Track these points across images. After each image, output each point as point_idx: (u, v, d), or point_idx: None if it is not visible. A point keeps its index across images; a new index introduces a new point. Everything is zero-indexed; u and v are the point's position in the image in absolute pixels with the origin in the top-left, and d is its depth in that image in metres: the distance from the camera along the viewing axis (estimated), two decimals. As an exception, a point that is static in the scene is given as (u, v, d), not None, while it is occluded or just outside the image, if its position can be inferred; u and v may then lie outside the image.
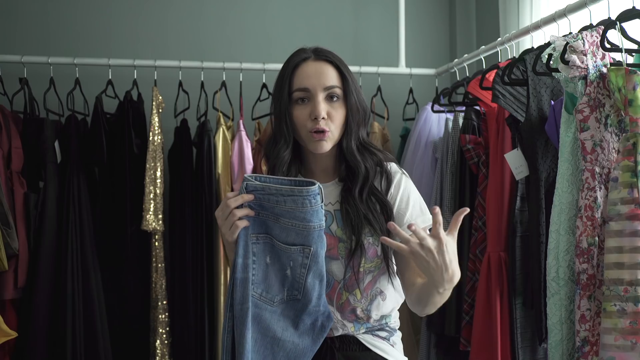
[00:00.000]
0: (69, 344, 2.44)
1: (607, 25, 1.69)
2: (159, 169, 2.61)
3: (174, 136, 2.82)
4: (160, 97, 2.71)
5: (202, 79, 2.84)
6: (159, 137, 2.65)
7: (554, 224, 1.73)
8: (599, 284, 1.62)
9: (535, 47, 2.08)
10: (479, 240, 2.30)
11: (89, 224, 2.58)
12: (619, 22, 1.66)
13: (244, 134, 2.72)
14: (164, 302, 2.63)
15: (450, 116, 2.65)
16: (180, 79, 2.84)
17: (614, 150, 1.63)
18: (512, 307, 2.12)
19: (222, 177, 2.71)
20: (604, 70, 1.66)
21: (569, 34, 1.75)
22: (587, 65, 1.64)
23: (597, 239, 1.62)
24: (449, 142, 2.55)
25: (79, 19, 3.06)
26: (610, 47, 1.69)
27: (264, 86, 2.85)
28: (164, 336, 2.63)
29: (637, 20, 1.64)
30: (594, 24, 1.75)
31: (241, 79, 2.85)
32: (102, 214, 2.64)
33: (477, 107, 2.47)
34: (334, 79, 1.42)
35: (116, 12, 3.09)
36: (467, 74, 2.75)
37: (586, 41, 1.65)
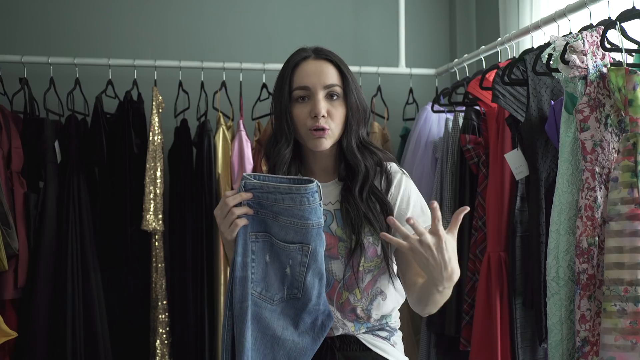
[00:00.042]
0: (69, 344, 2.44)
1: (607, 25, 1.69)
2: (159, 169, 2.61)
3: (174, 136, 2.82)
4: (160, 97, 2.70)
5: (202, 79, 2.84)
6: (159, 137, 2.65)
7: (554, 224, 1.73)
8: (599, 284, 1.62)
9: (535, 47, 2.08)
10: (479, 240, 2.30)
11: (89, 224, 2.57)
12: (619, 22, 1.66)
13: (244, 134, 2.72)
14: (164, 302, 2.63)
15: (450, 116, 2.65)
16: (180, 79, 2.84)
17: (614, 150, 1.63)
18: (512, 307, 2.12)
19: (222, 177, 2.71)
20: (604, 70, 1.66)
21: (569, 34, 1.75)
22: (587, 65, 1.64)
23: (597, 239, 1.62)
24: (449, 142, 2.55)
25: (79, 19, 3.06)
26: (610, 47, 1.69)
27: (264, 86, 2.85)
28: (164, 336, 2.62)
29: (637, 20, 1.64)
30: (594, 24, 1.74)
31: (241, 79, 2.85)
32: (102, 214, 2.64)
33: (477, 107, 2.47)
34: (334, 78, 1.42)
35: (116, 12, 3.09)
36: (467, 74, 2.75)
37: (586, 41, 1.65)
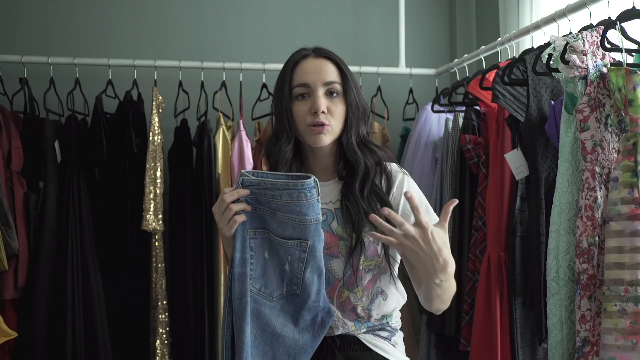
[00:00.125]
0: (69, 344, 2.44)
1: (607, 25, 1.69)
2: (159, 169, 2.61)
3: (174, 136, 2.82)
4: (160, 97, 2.70)
5: (202, 79, 2.84)
6: (159, 137, 2.64)
7: (554, 224, 1.73)
8: (599, 284, 1.62)
9: (535, 47, 2.08)
10: (479, 240, 2.30)
11: (89, 224, 2.57)
12: (619, 22, 1.66)
13: (244, 134, 2.72)
14: (164, 302, 2.63)
15: (450, 116, 2.65)
16: (180, 79, 2.84)
17: (614, 150, 1.63)
18: (512, 307, 2.12)
19: (222, 177, 2.71)
20: (604, 70, 1.66)
21: (569, 34, 1.75)
22: (587, 65, 1.64)
23: (597, 239, 1.62)
24: (449, 142, 2.55)
25: (79, 19, 3.06)
26: (610, 47, 1.69)
27: (264, 86, 2.85)
28: (164, 336, 2.62)
29: (637, 20, 1.64)
30: (594, 24, 1.74)
31: (241, 79, 2.85)
32: (102, 214, 2.64)
33: (477, 107, 2.47)
34: (334, 75, 1.43)
35: (116, 12, 3.09)
36: (467, 74, 2.75)
37: (586, 41, 1.65)
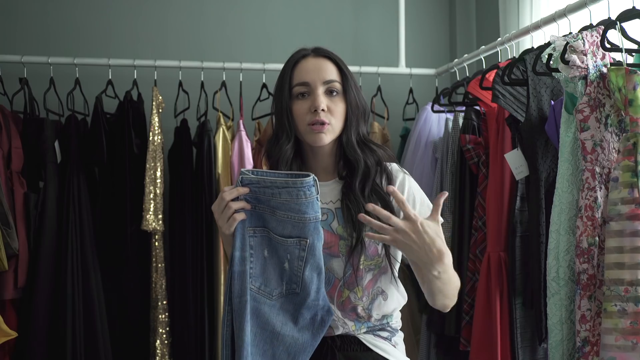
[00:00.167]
0: (69, 344, 2.44)
1: (607, 25, 1.69)
2: (159, 169, 2.61)
3: (174, 136, 2.82)
4: (160, 97, 2.70)
5: (202, 79, 2.84)
6: (159, 137, 2.64)
7: (554, 224, 1.73)
8: (599, 284, 1.62)
9: (535, 47, 2.08)
10: (479, 240, 2.30)
11: (89, 224, 2.57)
12: (619, 22, 1.66)
13: (244, 134, 2.72)
14: (164, 302, 2.63)
15: (450, 116, 2.65)
16: (180, 79, 2.84)
17: (614, 150, 1.63)
18: (512, 307, 2.12)
19: (222, 177, 2.71)
20: (604, 70, 1.66)
21: (569, 34, 1.75)
22: (587, 65, 1.64)
23: (597, 239, 1.61)
24: (449, 142, 2.55)
25: (79, 19, 3.06)
26: (610, 47, 1.69)
27: (264, 86, 2.85)
28: (164, 336, 2.62)
29: (637, 20, 1.64)
30: (594, 24, 1.74)
31: (241, 79, 2.85)
32: (102, 214, 2.64)
33: (477, 107, 2.47)
34: (333, 74, 1.44)
35: (116, 12, 3.09)
36: (467, 74, 2.75)
37: (586, 41, 1.65)
